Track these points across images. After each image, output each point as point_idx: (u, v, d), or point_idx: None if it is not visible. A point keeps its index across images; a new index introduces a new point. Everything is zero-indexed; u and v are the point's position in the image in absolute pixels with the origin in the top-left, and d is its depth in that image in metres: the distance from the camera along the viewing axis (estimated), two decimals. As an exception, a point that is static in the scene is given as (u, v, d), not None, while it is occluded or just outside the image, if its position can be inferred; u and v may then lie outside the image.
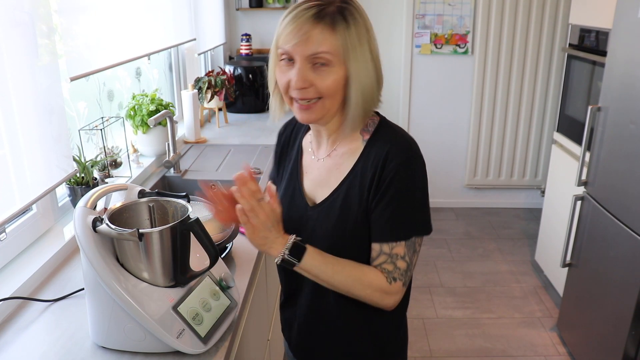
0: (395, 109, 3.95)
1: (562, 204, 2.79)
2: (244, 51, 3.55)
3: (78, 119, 1.90)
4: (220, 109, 3.00)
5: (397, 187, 1.00)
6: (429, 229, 1.05)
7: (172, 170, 2.20)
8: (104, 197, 1.16)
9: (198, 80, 2.83)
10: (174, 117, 2.27)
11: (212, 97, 2.85)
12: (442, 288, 3.11)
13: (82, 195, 1.16)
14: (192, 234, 1.06)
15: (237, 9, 3.62)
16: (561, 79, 3.08)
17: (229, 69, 3.22)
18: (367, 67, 1.01)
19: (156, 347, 1.06)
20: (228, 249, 1.49)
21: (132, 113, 2.14)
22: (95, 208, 1.09)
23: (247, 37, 3.54)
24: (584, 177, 2.39)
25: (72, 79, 1.57)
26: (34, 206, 1.53)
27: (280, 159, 1.22)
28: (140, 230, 0.99)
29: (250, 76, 3.22)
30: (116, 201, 1.13)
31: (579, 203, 2.43)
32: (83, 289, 1.19)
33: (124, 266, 1.04)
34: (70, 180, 1.63)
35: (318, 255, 1.04)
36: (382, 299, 1.04)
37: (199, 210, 1.50)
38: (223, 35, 3.44)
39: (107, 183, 1.81)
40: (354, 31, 0.98)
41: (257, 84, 3.24)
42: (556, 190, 2.98)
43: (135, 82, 2.42)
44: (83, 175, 1.65)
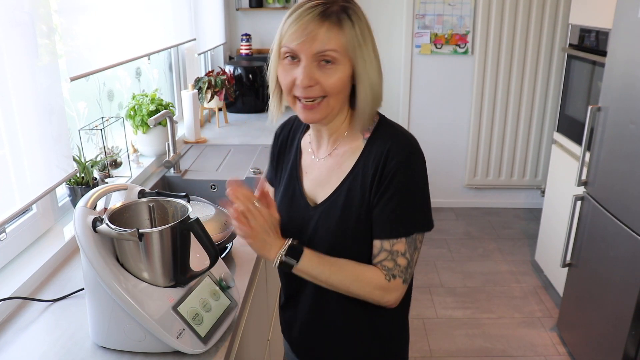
0: (395, 109, 3.96)
1: (562, 204, 2.79)
2: (244, 51, 3.55)
3: (78, 119, 1.90)
4: (220, 109, 3.00)
5: (398, 184, 1.01)
6: (430, 225, 1.06)
7: (172, 170, 2.20)
8: (104, 197, 1.16)
9: (198, 80, 2.83)
10: (174, 117, 2.27)
11: (212, 97, 2.85)
12: (442, 288, 3.11)
13: (82, 195, 1.16)
14: (192, 234, 1.06)
15: (237, 9, 3.63)
16: (561, 79, 3.08)
17: (229, 69, 3.22)
18: (372, 64, 1.02)
19: (156, 347, 1.06)
20: (228, 249, 1.49)
21: (132, 113, 2.14)
22: (95, 208, 1.09)
23: (247, 37, 3.54)
24: (584, 177, 2.39)
25: (72, 79, 1.57)
26: (34, 206, 1.53)
27: (277, 160, 1.22)
28: (140, 230, 0.99)
29: (250, 76, 3.22)
30: (116, 201, 1.13)
31: (579, 203, 2.43)
32: (83, 289, 1.19)
33: (124, 266, 1.04)
34: (70, 180, 1.63)
35: (315, 257, 1.04)
36: (382, 296, 1.04)
37: (199, 210, 1.50)
38: (223, 35, 3.44)
39: (107, 183, 1.81)
40: (358, 29, 0.99)
41: (257, 84, 3.24)
42: (556, 190, 2.98)
43: (135, 82, 2.42)
44: (83, 175, 1.65)
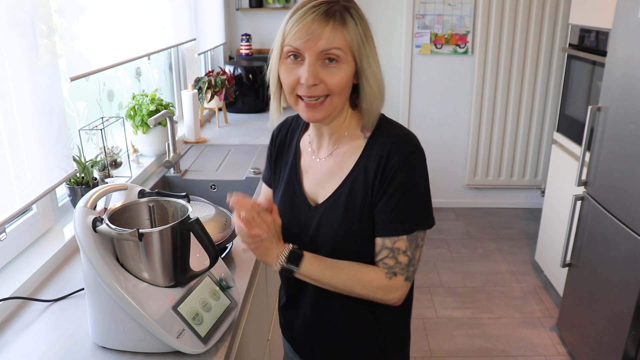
0: (395, 109, 3.95)
1: (562, 204, 2.79)
2: (244, 51, 3.55)
3: (78, 119, 1.90)
4: (220, 109, 3.00)
5: (399, 182, 1.01)
6: (432, 223, 1.06)
7: (172, 170, 2.20)
8: (104, 197, 1.16)
9: (198, 80, 2.83)
10: (174, 117, 2.27)
11: (212, 97, 2.85)
12: (442, 288, 3.11)
13: (82, 195, 1.16)
14: (192, 234, 1.06)
15: (237, 9, 3.63)
16: (561, 79, 3.08)
17: (229, 69, 3.22)
18: (376, 62, 1.03)
19: (156, 347, 1.06)
20: (228, 249, 1.49)
21: (132, 113, 2.14)
22: (95, 208, 1.09)
23: (247, 37, 3.54)
24: (584, 177, 2.39)
25: (72, 79, 1.57)
26: (34, 206, 1.53)
27: (275, 161, 1.22)
28: (140, 230, 0.99)
29: (250, 76, 3.22)
30: (116, 201, 1.13)
31: (579, 203, 2.43)
32: (83, 289, 1.19)
33: (124, 266, 1.04)
34: (70, 180, 1.63)
35: (316, 260, 1.04)
36: (385, 295, 1.05)
37: (199, 210, 1.50)
38: (223, 35, 3.44)
39: (107, 183, 1.81)
40: (361, 28, 1.00)
41: (257, 84, 3.24)
42: (556, 190, 2.98)
43: (135, 82, 2.42)
44: (83, 175, 1.65)
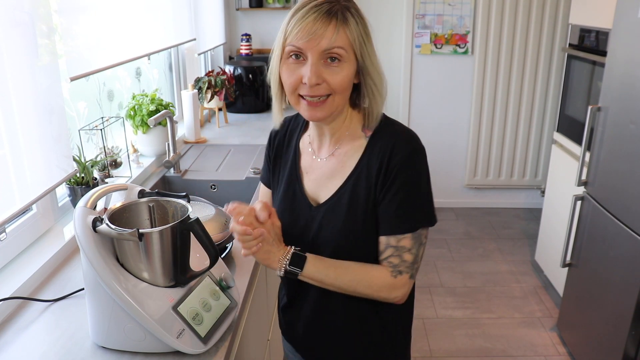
0: (395, 109, 3.95)
1: (562, 204, 2.79)
2: (244, 51, 3.55)
3: (78, 119, 1.90)
4: (220, 109, 3.00)
5: (403, 180, 1.02)
6: (434, 220, 1.06)
7: (172, 170, 2.20)
8: (104, 197, 1.16)
9: (198, 80, 2.83)
10: (174, 117, 2.27)
11: (212, 97, 2.85)
12: (442, 288, 3.11)
13: (82, 195, 1.16)
14: (192, 234, 1.06)
15: (237, 9, 3.63)
16: (561, 79, 3.08)
17: (229, 69, 3.22)
18: (376, 61, 1.04)
19: (156, 347, 1.06)
20: (228, 249, 1.49)
21: (132, 113, 2.14)
22: (95, 208, 1.09)
23: (247, 37, 3.54)
24: (584, 177, 2.39)
25: (72, 79, 1.57)
26: (34, 206, 1.53)
27: (274, 161, 1.22)
28: (140, 230, 0.99)
29: (250, 76, 3.22)
30: (116, 201, 1.13)
31: (579, 203, 2.43)
32: (83, 289, 1.19)
33: (124, 266, 1.04)
34: (70, 180, 1.63)
35: (319, 262, 1.05)
36: (389, 293, 1.05)
37: (199, 210, 1.50)
38: (223, 35, 3.44)
39: (107, 183, 1.81)
40: (362, 27, 1.00)
41: (257, 84, 3.24)
42: (556, 190, 2.98)
43: (135, 82, 2.42)
44: (83, 175, 1.65)
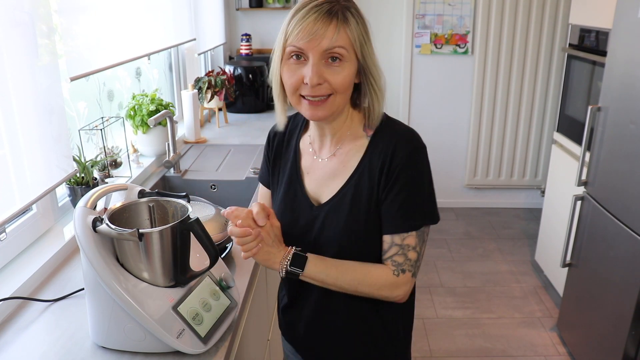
0: (395, 109, 3.95)
1: (562, 204, 2.79)
2: (244, 51, 3.55)
3: (78, 119, 1.90)
4: (220, 109, 3.00)
5: (406, 178, 1.02)
6: (437, 218, 1.07)
7: (172, 170, 2.20)
8: (104, 197, 1.16)
9: (198, 80, 2.83)
10: (174, 117, 2.27)
11: (212, 97, 2.85)
12: (442, 288, 3.11)
13: (82, 195, 1.16)
14: (192, 234, 1.06)
15: (237, 9, 3.63)
16: (561, 79, 3.08)
17: (229, 69, 3.22)
18: (376, 59, 1.05)
19: (156, 347, 1.06)
20: (228, 249, 1.49)
21: (132, 113, 2.14)
22: (95, 208, 1.09)
23: (247, 37, 3.54)
24: (584, 177, 2.39)
25: (72, 79, 1.57)
26: (34, 206, 1.53)
27: (274, 161, 1.21)
28: (140, 230, 0.99)
29: (250, 76, 3.22)
30: (116, 201, 1.13)
31: (579, 203, 2.43)
32: (83, 289, 1.19)
33: (124, 266, 1.04)
34: (70, 180, 1.63)
35: (320, 261, 1.05)
36: (391, 292, 1.05)
37: (199, 210, 1.50)
38: (223, 35, 3.44)
39: (107, 183, 1.81)
40: (362, 27, 1.01)
41: (257, 84, 3.24)
42: (556, 190, 2.98)
43: (135, 82, 2.42)
44: (83, 175, 1.65)
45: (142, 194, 1.16)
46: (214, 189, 2.17)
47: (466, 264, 3.38)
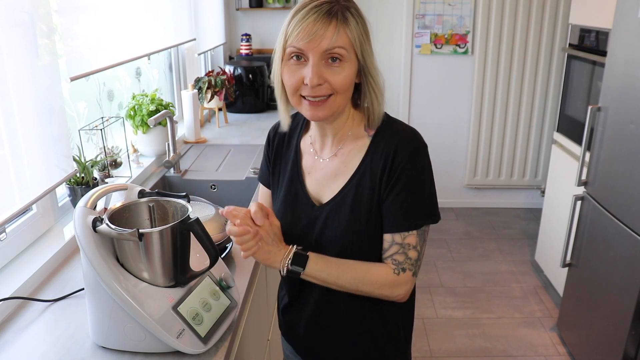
0: (395, 109, 3.95)
1: (562, 204, 2.79)
2: (244, 51, 3.55)
3: (78, 119, 1.90)
4: (220, 109, 3.00)
5: (407, 177, 1.02)
6: (438, 217, 1.07)
7: (172, 170, 2.20)
8: (104, 197, 1.16)
9: (198, 80, 2.83)
10: (174, 117, 2.27)
11: (212, 97, 2.85)
12: (442, 288, 3.11)
13: (82, 195, 1.16)
14: (192, 234, 1.06)
15: (237, 9, 3.63)
16: (561, 79, 3.08)
17: (229, 69, 3.22)
18: (376, 60, 1.05)
19: (156, 347, 1.06)
20: (228, 249, 1.49)
21: (132, 113, 2.14)
22: (95, 208, 1.09)
23: (247, 37, 3.54)
24: (584, 177, 2.39)
25: (72, 79, 1.57)
26: (34, 206, 1.53)
27: (274, 162, 1.21)
28: (140, 230, 0.99)
29: (250, 76, 3.22)
30: (116, 201, 1.13)
31: (579, 203, 2.43)
32: (83, 289, 1.19)
33: (124, 266, 1.04)
34: (70, 180, 1.63)
35: (321, 260, 1.05)
36: (392, 291, 1.05)
37: (199, 210, 1.50)
38: (223, 35, 3.44)
39: (107, 183, 1.81)
40: (362, 27, 1.01)
41: (257, 84, 3.24)
42: (556, 190, 2.98)
43: (135, 82, 2.42)
44: (83, 175, 1.65)
45: (142, 194, 1.16)
46: (214, 189, 2.17)
47: (466, 264, 3.38)
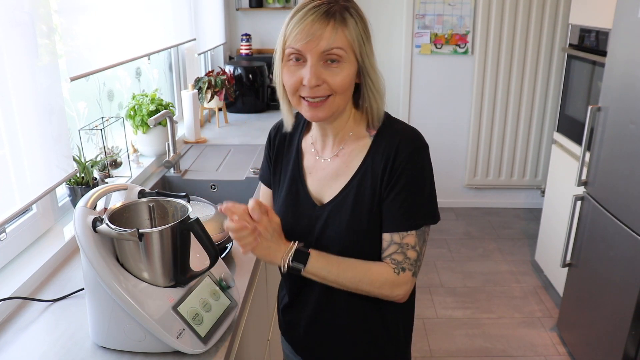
0: (395, 109, 3.95)
1: (562, 204, 2.79)
2: (244, 51, 3.55)
3: (78, 119, 1.90)
4: (220, 109, 3.00)
5: (408, 177, 1.02)
6: (437, 218, 1.07)
7: (172, 170, 2.20)
8: (104, 197, 1.16)
9: (198, 80, 2.83)
10: (174, 117, 2.27)
11: (212, 97, 2.85)
12: (442, 288, 3.11)
13: (82, 195, 1.16)
14: (192, 234, 1.06)
15: (237, 9, 3.63)
16: (561, 79, 3.08)
17: (229, 69, 3.22)
18: (375, 60, 1.04)
19: (156, 347, 1.06)
20: (228, 249, 1.49)
21: (132, 113, 2.14)
22: (95, 208, 1.09)
23: (247, 37, 3.54)
24: (584, 177, 2.39)
25: (72, 79, 1.57)
26: (34, 206, 1.53)
27: (275, 161, 1.21)
28: (140, 230, 0.99)
29: (250, 76, 3.22)
30: (116, 201, 1.13)
31: (579, 203, 2.43)
32: (83, 289, 1.19)
33: (124, 266, 1.04)
34: (70, 180, 1.63)
35: (322, 258, 1.05)
36: (391, 291, 1.05)
37: (199, 210, 1.50)
38: (223, 35, 3.44)
39: (107, 183, 1.81)
40: (361, 27, 1.00)
41: (257, 84, 3.24)
42: (556, 190, 2.98)
43: (135, 82, 2.42)
44: (83, 175, 1.65)
45: (142, 194, 1.16)
46: (214, 189, 2.17)
47: (466, 264, 3.38)
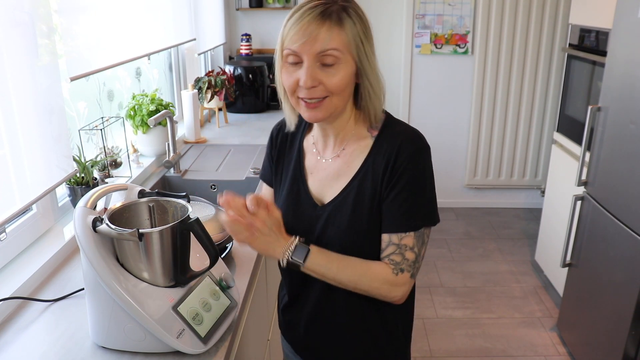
0: (395, 109, 3.95)
1: (562, 204, 2.79)
2: (244, 51, 3.55)
3: (78, 119, 1.90)
4: (220, 109, 3.00)
5: (408, 178, 1.02)
6: (437, 219, 1.07)
7: (172, 170, 2.20)
8: (104, 197, 1.16)
9: (198, 80, 2.83)
10: (174, 117, 2.27)
11: (212, 97, 2.85)
12: (442, 288, 3.11)
13: (82, 195, 1.16)
14: (192, 234, 1.06)
15: (237, 9, 3.63)
16: (561, 79, 3.08)
17: (229, 69, 3.22)
18: (375, 61, 1.04)
19: (156, 347, 1.06)
20: (228, 249, 1.49)
21: (132, 113, 2.14)
22: (95, 208, 1.09)
23: (247, 37, 3.54)
24: (584, 177, 2.39)
25: (72, 79, 1.57)
26: (34, 206, 1.53)
27: (277, 161, 1.21)
28: (140, 230, 0.99)
29: (250, 76, 3.22)
30: (116, 201, 1.13)
31: (579, 203, 2.43)
32: (83, 289, 1.19)
33: (124, 266, 1.04)
34: (70, 180, 1.63)
35: (322, 254, 1.05)
36: (389, 291, 1.05)
37: (199, 210, 1.50)
38: (223, 35, 3.44)
39: (107, 183, 1.81)
40: (360, 27, 1.00)
41: (257, 84, 3.24)
42: (556, 190, 2.98)
43: (135, 82, 2.42)
44: (83, 175, 1.65)
45: (142, 194, 1.16)
46: (214, 189, 2.17)
47: (466, 264, 3.38)
